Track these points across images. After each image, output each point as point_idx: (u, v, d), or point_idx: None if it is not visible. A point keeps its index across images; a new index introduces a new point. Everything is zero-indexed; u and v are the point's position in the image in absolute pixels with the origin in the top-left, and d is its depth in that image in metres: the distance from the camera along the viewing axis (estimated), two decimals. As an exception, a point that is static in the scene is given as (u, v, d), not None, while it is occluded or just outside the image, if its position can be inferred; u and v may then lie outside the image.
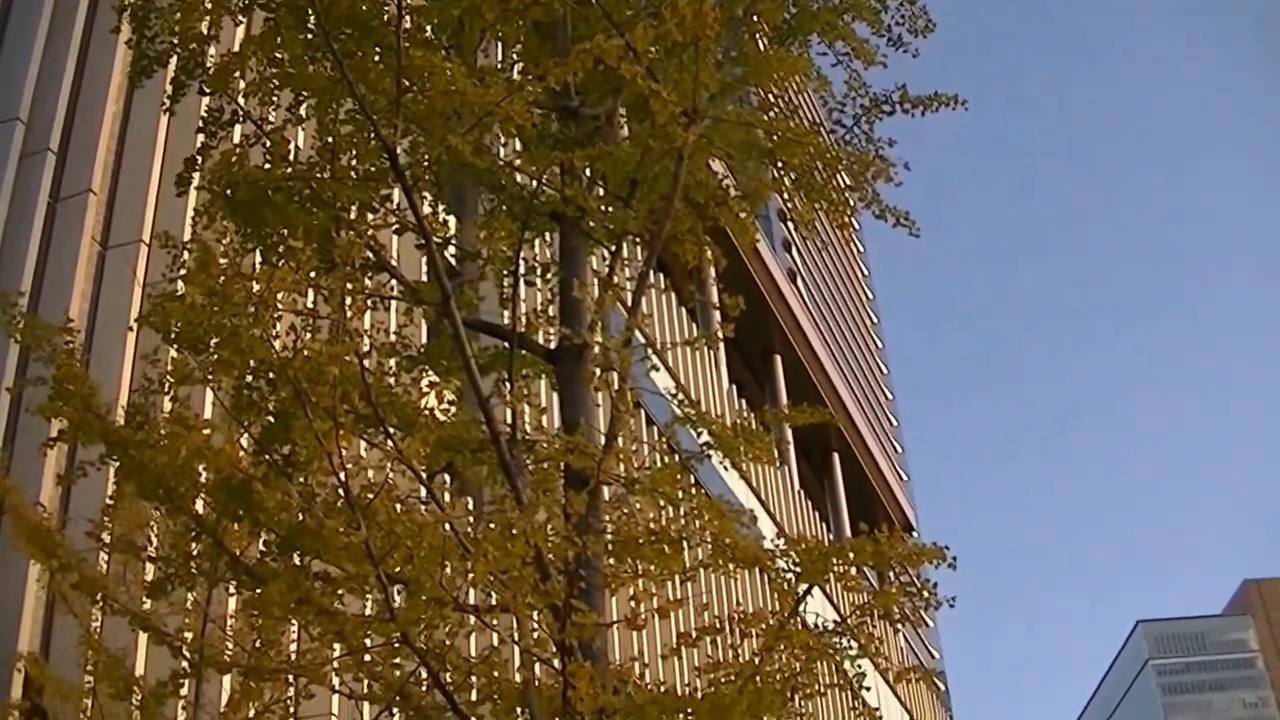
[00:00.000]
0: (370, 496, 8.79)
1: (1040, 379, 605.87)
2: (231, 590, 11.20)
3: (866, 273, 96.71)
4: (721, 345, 45.01)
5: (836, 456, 64.28)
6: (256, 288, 8.80)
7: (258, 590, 9.43)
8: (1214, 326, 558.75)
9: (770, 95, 12.70)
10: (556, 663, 9.20)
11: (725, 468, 12.14)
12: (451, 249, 12.14)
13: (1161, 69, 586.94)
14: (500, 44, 13.15)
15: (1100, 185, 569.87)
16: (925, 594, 10.56)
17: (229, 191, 10.21)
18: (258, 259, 10.44)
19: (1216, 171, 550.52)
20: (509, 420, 10.25)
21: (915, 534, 67.19)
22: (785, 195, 12.06)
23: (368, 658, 9.35)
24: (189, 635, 11.88)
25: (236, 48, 10.67)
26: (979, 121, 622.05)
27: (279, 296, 8.84)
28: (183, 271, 9.38)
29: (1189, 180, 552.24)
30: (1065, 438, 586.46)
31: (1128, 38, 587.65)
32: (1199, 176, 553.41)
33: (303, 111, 10.81)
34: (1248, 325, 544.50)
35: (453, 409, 11.28)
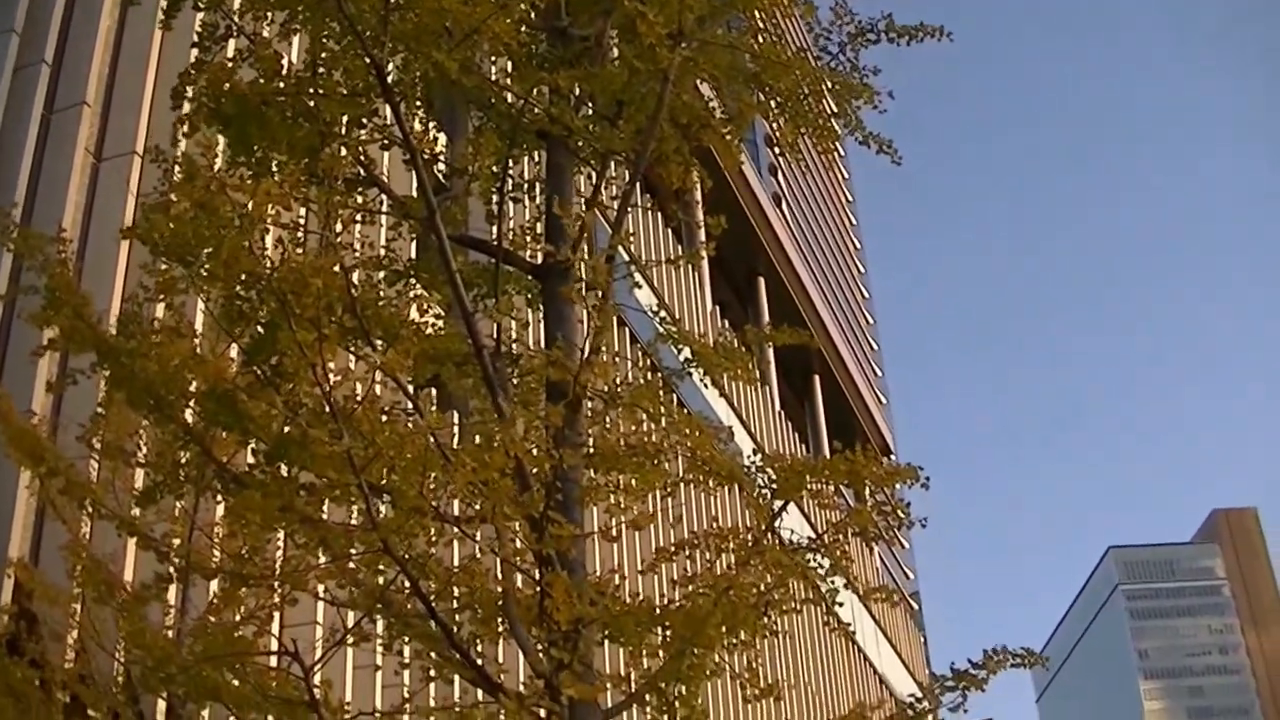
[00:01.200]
0: (354, 407, 8.94)
1: (1018, 324, 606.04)
2: (219, 498, 11.36)
3: (851, 199, 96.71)
4: (706, 267, 45.31)
5: (817, 379, 64.56)
6: (243, 200, 8.92)
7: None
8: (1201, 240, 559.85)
9: (757, 20, 12.75)
10: (534, 573, 9.39)
11: (705, 385, 12.33)
12: (441, 165, 12.23)
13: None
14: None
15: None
16: (899, 513, 10.79)
17: (217, 105, 10.28)
18: (247, 174, 10.51)
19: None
20: (493, 334, 10.40)
21: (893, 456, 67.70)
22: (770, 119, 12.15)
23: (350, 565, 9.51)
24: (176, 541, 12.05)
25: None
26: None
27: (266, 210, 8.96)
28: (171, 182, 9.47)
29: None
30: (1041, 368, 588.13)
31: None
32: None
33: (296, 26, 10.85)
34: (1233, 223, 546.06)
35: (438, 322, 11.41)
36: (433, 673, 9.93)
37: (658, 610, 9.73)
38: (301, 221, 10.48)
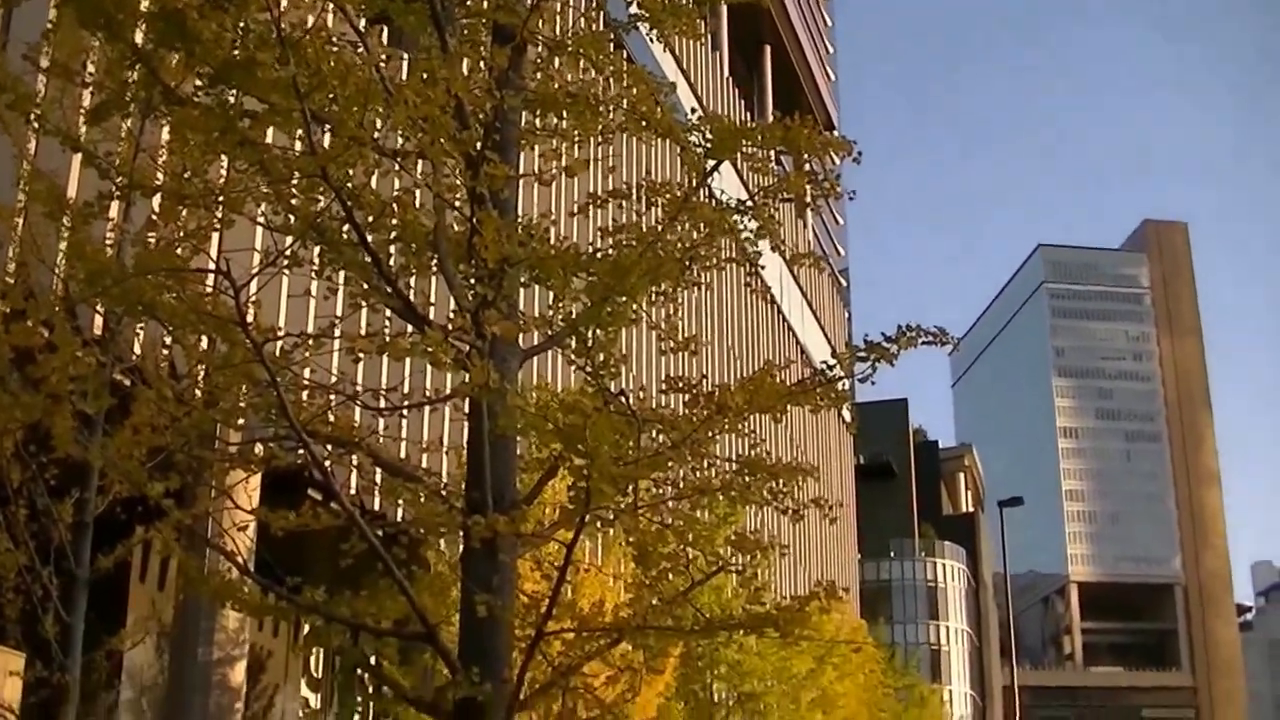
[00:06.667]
0: (302, 35, 8.96)
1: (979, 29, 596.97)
2: (164, 122, 11.38)
3: None
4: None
5: (768, 49, 64.19)
6: None
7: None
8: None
9: None
10: (467, 210, 9.59)
11: (652, 40, 12.35)
12: None
13: None
14: None
15: None
16: (830, 183, 11.03)
17: None
18: None
19: None
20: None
21: (836, 132, 67.82)
22: None
23: (288, 192, 9.61)
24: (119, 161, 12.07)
25: None
26: None
27: None
28: None
29: None
30: (997, 73, 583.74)
31: None
32: None
33: None
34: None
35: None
36: (362, 301, 10.17)
37: (584, 256, 10.00)
38: None
